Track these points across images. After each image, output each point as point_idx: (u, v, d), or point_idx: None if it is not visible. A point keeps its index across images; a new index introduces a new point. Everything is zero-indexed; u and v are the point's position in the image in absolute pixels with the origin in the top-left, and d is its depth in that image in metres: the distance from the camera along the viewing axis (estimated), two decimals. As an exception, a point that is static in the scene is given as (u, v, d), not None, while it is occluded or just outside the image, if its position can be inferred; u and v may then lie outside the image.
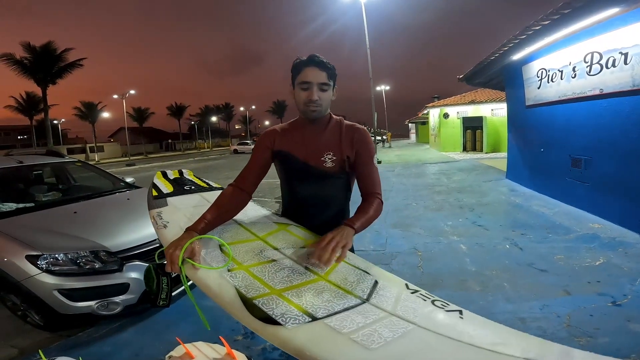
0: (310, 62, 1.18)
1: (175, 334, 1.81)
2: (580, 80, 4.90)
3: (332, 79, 1.22)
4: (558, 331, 2.15)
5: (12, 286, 2.23)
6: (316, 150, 1.26)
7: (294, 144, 1.29)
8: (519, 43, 5.67)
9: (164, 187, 1.68)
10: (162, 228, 1.27)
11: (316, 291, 0.91)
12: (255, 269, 1.01)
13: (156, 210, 1.43)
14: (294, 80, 1.23)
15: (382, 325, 0.79)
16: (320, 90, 1.20)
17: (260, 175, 1.33)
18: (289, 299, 0.87)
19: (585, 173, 4.94)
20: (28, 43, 21.16)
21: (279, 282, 0.94)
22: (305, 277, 0.98)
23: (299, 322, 0.79)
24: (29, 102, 32.85)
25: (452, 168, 10.89)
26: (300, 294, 0.89)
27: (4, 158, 3.73)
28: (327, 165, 1.25)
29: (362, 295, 0.91)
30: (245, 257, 1.07)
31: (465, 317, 0.84)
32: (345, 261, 1.07)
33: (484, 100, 16.42)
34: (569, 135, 5.32)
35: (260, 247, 1.14)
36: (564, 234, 3.97)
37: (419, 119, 29.57)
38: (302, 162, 1.27)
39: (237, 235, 1.21)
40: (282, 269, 1.01)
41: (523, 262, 3.24)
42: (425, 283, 2.91)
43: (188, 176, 1.91)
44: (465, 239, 4.02)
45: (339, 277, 0.99)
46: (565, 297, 2.56)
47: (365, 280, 0.98)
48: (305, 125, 1.29)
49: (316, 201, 1.31)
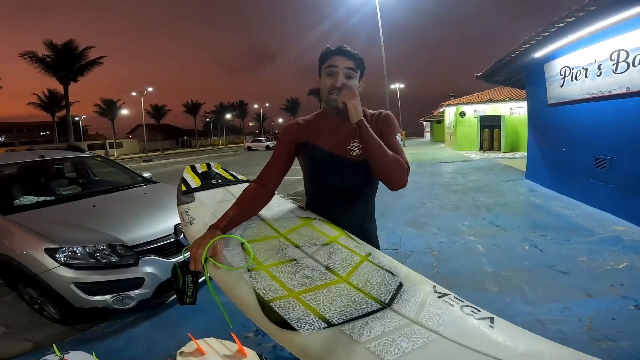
0: (338, 51, 1.18)
1: (188, 330, 1.81)
2: (606, 79, 4.74)
3: (359, 68, 1.21)
4: (578, 334, 2.09)
5: (30, 279, 2.26)
6: (342, 139, 1.22)
7: (318, 135, 1.26)
8: (541, 40, 5.51)
9: (192, 181, 1.68)
10: (188, 225, 1.26)
11: (335, 294, 0.87)
12: (274, 269, 0.98)
13: (184, 206, 1.42)
14: (321, 68, 1.22)
15: (401, 334, 0.74)
16: (346, 77, 1.18)
17: (283, 171, 1.30)
18: (306, 303, 0.84)
19: (609, 174, 4.78)
20: (50, 41, 21.74)
21: (298, 284, 0.91)
22: (325, 278, 0.94)
23: (314, 328, 0.76)
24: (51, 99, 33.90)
25: (468, 167, 10.68)
26: (319, 297, 0.86)
27: (26, 153, 3.83)
28: (354, 154, 1.21)
29: (384, 299, 0.86)
30: (265, 255, 1.04)
31: (496, 325, 0.78)
32: (370, 260, 1.02)
33: (502, 98, 16.05)
34: (593, 134, 5.16)
35: (281, 245, 1.11)
36: (586, 236, 3.85)
37: (434, 117, 29.13)
38: (327, 153, 1.23)
39: (259, 232, 1.18)
40: (302, 269, 0.98)
41: (543, 264, 3.15)
42: (440, 283, 2.79)
43: (216, 169, 1.89)
44: (482, 239, 3.93)
45: (360, 279, 0.94)
46: (586, 299, 2.49)
47: (389, 282, 0.93)
48: (330, 115, 1.27)
49: (342, 193, 1.26)
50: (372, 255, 1.05)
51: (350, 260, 1.02)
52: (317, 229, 1.19)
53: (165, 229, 2.56)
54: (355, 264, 0.99)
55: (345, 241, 1.12)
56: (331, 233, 1.17)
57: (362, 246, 1.10)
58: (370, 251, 1.08)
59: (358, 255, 1.05)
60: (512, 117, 15.62)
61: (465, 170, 10.08)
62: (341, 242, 1.11)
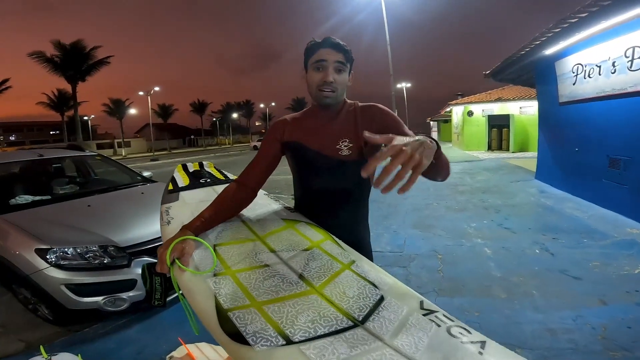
0: (325, 44, 1.09)
1: (180, 334, 1.74)
2: (620, 76, 4.60)
3: (348, 61, 1.12)
4: (592, 344, 1.99)
5: (22, 279, 2.22)
6: (330, 138, 1.15)
7: (306, 133, 1.19)
8: (552, 37, 5.38)
9: (181, 180, 1.62)
10: (165, 224, 1.21)
11: (303, 307, 0.77)
12: (242, 275, 0.89)
13: (166, 205, 1.37)
14: (307, 63, 1.13)
15: (370, 359, 0.63)
16: (336, 71, 1.09)
17: (267, 170, 1.22)
18: (268, 315, 0.75)
19: (624, 174, 4.64)
20: (58, 41, 22.04)
21: (264, 293, 0.82)
22: (296, 288, 0.84)
23: (270, 345, 0.67)
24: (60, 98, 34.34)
25: (476, 167, 10.51)
26: (283, 309, 0.76)
27: (25, 152, 3.81)
28: (343, 153, 1.13)
29: (358, 315, 0.75)
30: (236, 259, 0.96)
31: (487, 351, 0.65)
32: (352, 269, 0.92)
33: (511, 97, 15.80)
34: (607, 133, 5.01)
35: (256, 248, 1.02)
36: (600, 239, 3.71)
37: (441, 117, 28.88)
38: (314, 152, 1.16)
39: (236, 234, 1.10)
40: (272, 276, 0.89)
41: (554, 269, 3.03)
42: (445, 288, 2.77)
43: (208, 168, 1.84)
44: (490, 242, 3.81)
45: (336, 290, 0.83)
46: (600, 307, 2.39)
47: (368, 295, 0.82)
48: (318, 112, 1.19)
49: (331, 195, 1.19)
50: (356, 264, 0.95)
51: (329, 268, 0.92)
52: (300, 233, 1.10)
53: (159, 230, 2.48)
54: (334, 272, 0.89)
55: (329, 247, 1.03)
56: (315, 237, 1.08)
57: (346, 253, 1.00)
58: (355, 259, 0.97)
59: (339, 263, 0.95)
60: (522, 117, 15.38)
61: (473, 170, 9.92)
62: (324, 248, 1.02)
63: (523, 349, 1.95)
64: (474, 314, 2.35)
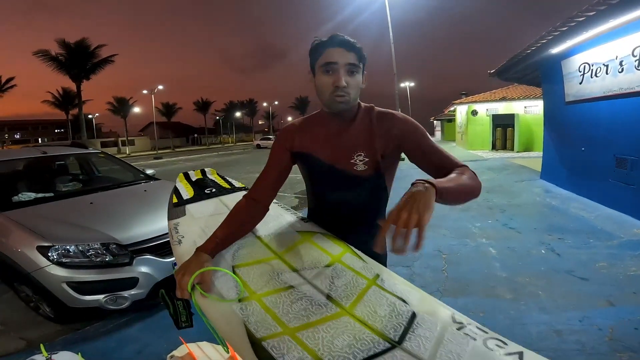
0: (334, 42, 0.97)
1: (181, 333, 1.72)
2: (628, 75, 4.54)
3: (361, 61, 1.00)
4: (599, 345, 1.96)
5: (23, 277, 2.21)
6: (343, 151, 1.05)
7: (317, 143, 1.09)
8: (559, 35, 5.30)
9: (184, 191, 1.57)
10: (176, 244, 1.17)
11: (337, 331, 0.75)
12: (268, 299, 0.86)
13: (174, 221, 1.31)
14: (314, 65, 1.02)
15: None
16: (349, 73, 0.98)
17: (277, 183, 1.15)
18: (303, 342, 0.72)
19: (631, 174, 4.57)
20: (63, 40, 22.15)
21: (294, 318, 0.80)
22: (326, 310, 0.81)
23: None
24: (65, 97, 34.56)
25: (480, 167, 10.43)
26: (317, 335, 0.74)
27: (29, 149, 3.82)
28: (359, 168, 1.04)
29: (394, 336, 0.72)
30: (259, 282, 0.93)
31: None
32: (378, 284, 0.88)
33: (516, 97, 15.68)
34: (614, 133, 4.95)
35: (277, 268, 0.98)
36: (606, 240, 3.67)
37: (444, 116, 28.77)
38: (327, 165, 1.07)
39: (253, 253, 1.06)
40: (299, 298, 0.86)
41: (561, 269, 3.00)
42: (449, 288, 2.74)
43: (211, 175, 1.78)
44: (495, 242, 3.77)
45: (366, 310, 0.80)
46: (607, 308, 2.36)
47: (400, 313, 0.79)
48: (329, 119, 1.08)
49: (346, 210, 1.12)
50: (381, 278, 0.91)
51: (355, 285, 0.89)
52: (318, 246, 1.06)
53: (162, 228, 2.47)
54: (362, 290, 0.86)
55: (351, 260, 0.99)
56: (334, 251, 1.03)
57: (369, 266, 0.96)
58: (378, 272, 0.94)
59: (365, 278, 0.91)
60: (527, 116, 15.27)
61: (477, 169, 9.73)
62: (345, 262, 0.98)
63: (529, 350, 1.92)
64: (479, 314, 2.32)
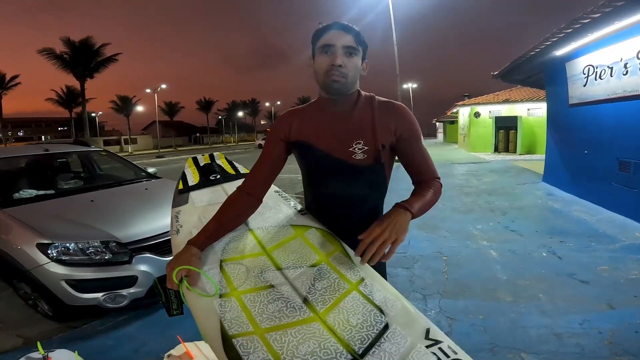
0: (333, 26, 0.98)
1: (180, 332, 1.72)
2: (632, 78, 4.51)
3: (360, 45, 1.00)
4: (599, 349, 1.95)
5: (22, 274, 2.21)
6: (342, 139, 1.03)
7: (314, 131, 1.07)
8: (563, 37, 5.28)
9: (191, 177, 1.55)
10: (174, 233, 1.17)
11: (305, 336, 0.75)
12: (247, 297, 0.88)
13: (176, 209, 1.31)
14: (314, 49, 1.02)
15: None
16: (346, 54, 0.97)
17: (272, 174, 1.13)
18: (270, 344, 0.74)
19: (633, 177, 4.54)
20: (67, 38, 22.27)
21: (267, 319, 0.81)
22: (299, 314, 0.81)
23: None
24: (69, 95, 34.71)
25: (482, 169, 10.40)
26: (285, 338, 0.75)
27: (31, 146, 3.83)
28: (357, 157, 1.03)
29: (358, 348, 0.72)
30: (242, 278, 0.94)
31: None
32: (359, 290, 0.87)
33: (519, 99, 15.61)
34: (618, 136, 4.91)
35: (262, 265, 0.98)
36: (608, 243, 3.64)
37: (447, 118, 28.71)
38: (325, 154, 1.05)
39: (242, 247, 1.06)
40: (277, 299, 0.87)
41: (562, 272, 2.97)
42: (449, 290, 2.72)
43: (219, 160, 1.74)
44: (496, 244, 3.75)
45: (339, 318, 0.80)
46: (608, 311, 2.34)
47: (372, 323, 0.78)
48: (327, 106, 1.06)
49: (344, 201, 1.11)
50: (365, 283, 0.90)
51: (336, 289, 0.88)
52: (309, 243, 1.05)
53: (162, 226, 2.46)
54: (341, 295, 0.86)
55: (339, 260, 0.98)
56: (324, 249, 1.02)
57: (356, 268, 0.95)
58: (364, 276, 0.92)
59: (347, 282, 0.90)
60: (529, 118, 15.20)
61: (479, 172, 9.81)
62: (332, 263, 0.97)
63: (529, 354, 1.91)
64: (479, 317, 2.31)
